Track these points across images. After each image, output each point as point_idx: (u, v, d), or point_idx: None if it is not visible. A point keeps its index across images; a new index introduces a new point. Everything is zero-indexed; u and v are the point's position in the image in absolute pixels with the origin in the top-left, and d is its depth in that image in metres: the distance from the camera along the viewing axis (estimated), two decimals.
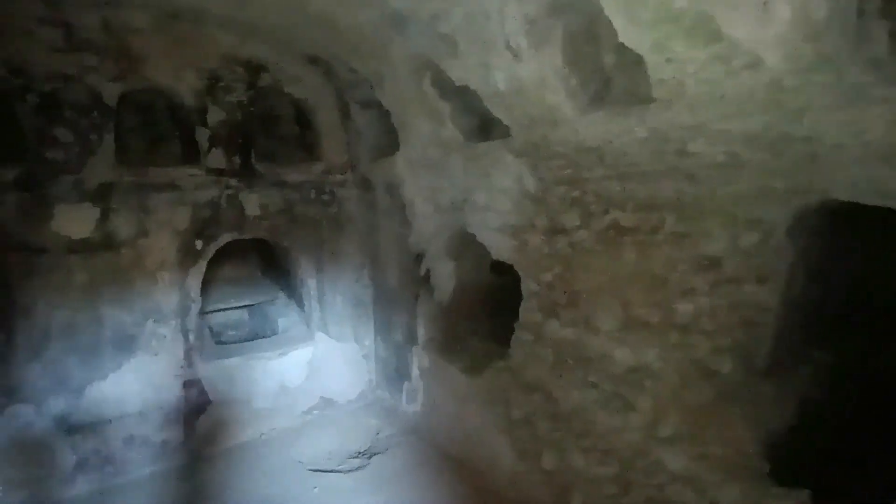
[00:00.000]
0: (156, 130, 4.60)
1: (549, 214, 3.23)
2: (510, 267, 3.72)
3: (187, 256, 4.28)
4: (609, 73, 2.68)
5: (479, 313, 4.78)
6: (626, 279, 2.86)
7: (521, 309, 3.60)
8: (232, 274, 6.72)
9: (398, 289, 4.76)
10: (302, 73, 4.54)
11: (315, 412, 5.03)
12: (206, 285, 6.21)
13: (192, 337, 4.38)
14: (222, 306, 6.12)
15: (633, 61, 2.58)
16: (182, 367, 4.32)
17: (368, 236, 5.04)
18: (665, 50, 1.95)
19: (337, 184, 4.96)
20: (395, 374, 5.00)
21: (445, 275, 4.47)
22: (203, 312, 5.74)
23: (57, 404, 3.82)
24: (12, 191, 3.55)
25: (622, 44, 2.52)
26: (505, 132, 3.35)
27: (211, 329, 6.16)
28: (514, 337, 3.65)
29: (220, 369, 4.55)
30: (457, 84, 3.16)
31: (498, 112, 3.14)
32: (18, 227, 3.60)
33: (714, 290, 2.49)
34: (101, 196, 3.86)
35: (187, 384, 4.35)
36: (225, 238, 4.45)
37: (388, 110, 4.13)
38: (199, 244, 4.32)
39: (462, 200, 3.88)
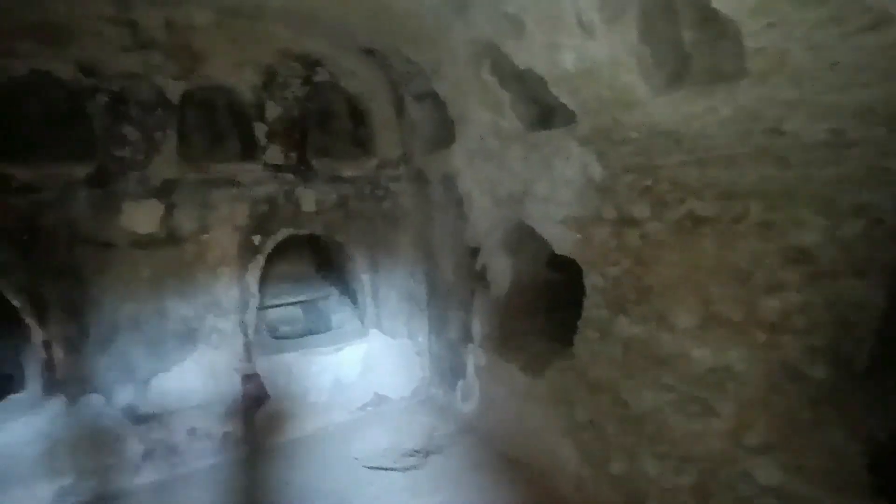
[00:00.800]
0: (217, 128, 4.67)
1: (617, 205, 3.04)
2: (568, 262, 3.55)
3: (246, 252, 4.33)
4: (688, 50, 2.48)
5: (537, 310, 4.62)
6: (704, 273, 2.64)
7: (584, 305, 3.42)
8: (287, 270, 6.81)
9: (453, 285, 4.66)
10: (357, 67, 4.51)
11: (369, 408, 5.00)
12: (262, 281, 6.39)
13: (250, 332, 4.43)
14: (277, 302, 6.22)
15: (716, 35, 2.37)
16: (241, 360, 4.38)
17: (423, 231, 4.97)
18: (768, 13, 1.75)
19: (391, 178, 4.91)
20: (450, 371, 4.91)
21: (502, 270, 4.33)
22: (259, 308, 5.89)
23: (125, 395, 3.93)
24: (84, 187, 3.68)
25: (704, 17, 2.31)
26: (569, 119, 3.18)
27: (267, 324, 6.29)
28: (577, 335, 3.47)
29: (277, 364, 4.58)
30: (520, 68, 3.02)
31: (563, 97, 2.97)
32: (90, 223, 3.72)
33: (806, 285, 2.25)
34: (165, 192, 3.95)
35: (246, 378, 4.40)
36: (282, 233, 4.48)
37: (444, 101, 4.03)
38: (257, 240, 4.36)
39: (521, 192, 3.73)
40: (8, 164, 3.47)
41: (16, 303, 3.56)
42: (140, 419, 4.00)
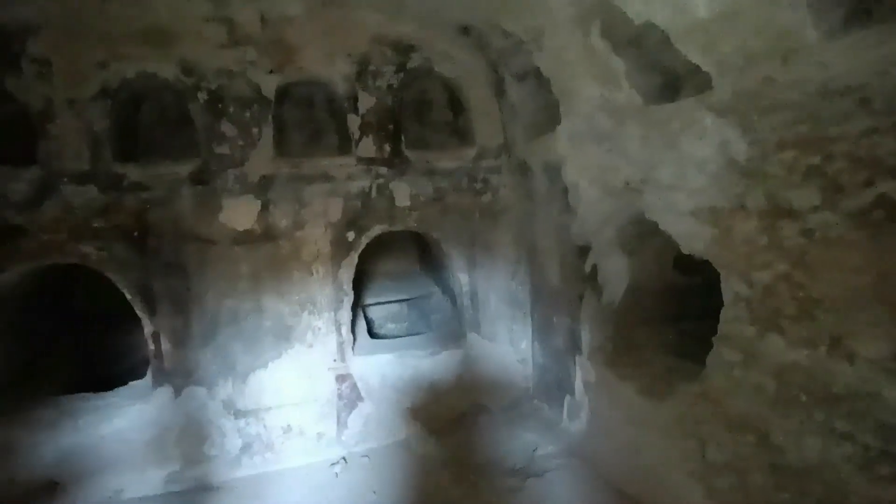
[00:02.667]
0: (315, 124, 4.63)
1: (770, 191, 2.33)
2: (700, 263, 2.87)
3: (340, 248, 4.20)
4: None
5: (658, 320, 3.93)
6: None
7: (722, 318, 2.73)
8: (392, 268, 6.75)
9: (559, 287, 4.13)
10: (452, 49, 4.16)
11: (468, 417, 4.64)
12: (365, 278, 6.37)
13: (344, 330, 4.30)
14: (380, 300, 6.14)
15: None
16: (335, 360, 4.27)
17: (525, 227, 4.49)
18: None
19: (490, 170, 4.51)
20: (555, 384, 4.38)
21: (616, 272, 3.72)
22: (362, 305, 5.83)
23: (225, 389, 3.99)
24: (188, 185, 3.77)
25: None
26: (702, 85, 2.54)
27: (371, 321, 6.25)
28: (711, 354, 2.79)
29: (372, 365, 4.41)
30: (636, 24, 2.45)
31: (694, 55, 2.35)
32: (193, 220, 3.81)
33: None
34: (262, 188, 3.94)
35: (340, 378, 4.28)
36: (375, 230, 4.29)
37: (547, 78, 3.53)
38: (350, 236, 4.22)
39: (640, 180, 3.11)
40: (122, 163, 3.65)
41: (129, 296, 3.75)
42: (238, 413, 4.04)
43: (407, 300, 6.30)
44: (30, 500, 3.58)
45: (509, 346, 4.76)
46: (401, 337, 5.96)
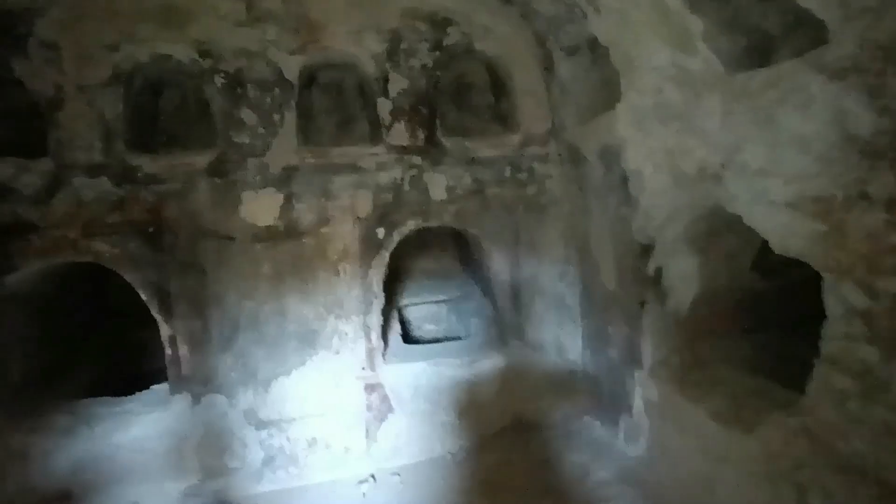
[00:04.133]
0: (346, 111, 4.29)
1: None
2: (783, 264, 2.34)
3: (369, 246, 3.83)
4: None
5: (732, 331, 3.37)
6: None
7: (827, 335, 2.18)
8: (431, 265, 6.36)
9: (615, 292, 3.61)
10: (493, 22, 3.71)
11: (509, 434, 4.19)
12: (402, 277, 6.01)
13: (374, 336, 3.93)
14: (417, 300, 5.76)
15: None
16: (363, 368, 3.91)
17: (576, 222, 3.98)
18: None
19: (537, 158, 4.02)
20: (610, 400, 3.87)
21: (685, 274, 3.19)
22: (398, 306, 5.47)
23: (246, 397, 3.70)
24: (205, 177, 3.49)
25: None
26: (808, 42, 2.00)
27: (409, 322, 5.88)
28: (814, 379, 2.24)
29: (403, 374, 4.03)
30: None
31: None
32: (211, 215, 3.54)
33: None
34: (284, 180, 3.63)
35: (369, 388, 3.92)
36: (408, 226, 3.89)
37: (605, 47, 3.02)
38: (380, 232, 3.84)
39: (719, 164, 2.57)
40: (136, 154, 3.40)
41: (145, 297, 3.50)
42: (261, 424, 3.75)
43: (446, 301, 5.90)
44: None
45: (557, 355, 4.27)
46: (439, 341, 5.60)
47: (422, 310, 5.91)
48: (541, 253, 4.10)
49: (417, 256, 6.27)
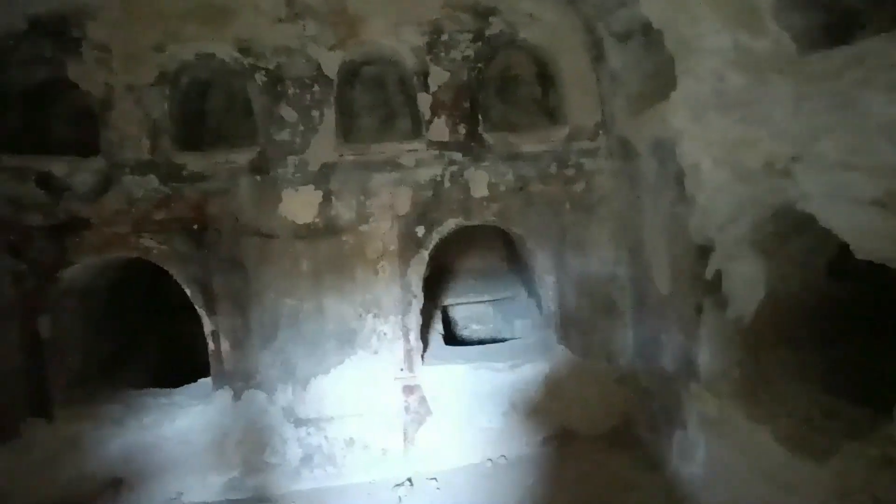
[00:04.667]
0: (388, 108, 4.23)
1: None
2: (870, 267, 2.03)
3: (408, 245, 3.74)
4: None
5: (804, 342, 3.01)
6: None
7: None
8: (477, 264, 6.23)
9: (670, 296, 3.33)
10: (539, 10, 3.52)
11: (552, 444, 3.98)
12: (448, 276, 5.91)
13: (412, 337, 3.84)
14: (462, 300, 5.65)
15: None
16: (402, 369, 3.83)
17: (627, 221, 3.72)
18: None
19: (585, 153, 3.79)
20: (661, 413, 3.59)
21: (748, 279, 2.87)
22: (441, 305, 5.37)
23: (285, 394, 3.71)
24: (247, 174, 3.52)
25: None
26: None
27: (455, 321, 5.79)
28: None
29: (443, 376, 3.91)
30: None
31: None
32: (252, 212, 3.56)
33: None
34: (323, 177, 3.60)
35: (407, 389, 3.83)
36: (448, 224, 3.77)
37: (659, 30, 2.76)
38: (420, 231, 3.74)
39: (789, 157, 2.27)
40: (182, 152, 3.46)
41: (189, 292, 3.57)
42: (299, 422, 3.75)
43: (492, 301, 5.75)
44: (97, 495, 3.53)
45: (605, 362, 4.02)
46: (485, 341, 5.49)
47: (468, 309, 5.80)
48: (588, 253, 3.87)
49: (464, 255, 6.17)
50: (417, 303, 3.84)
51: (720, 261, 2.89)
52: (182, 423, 3.67)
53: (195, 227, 3.49)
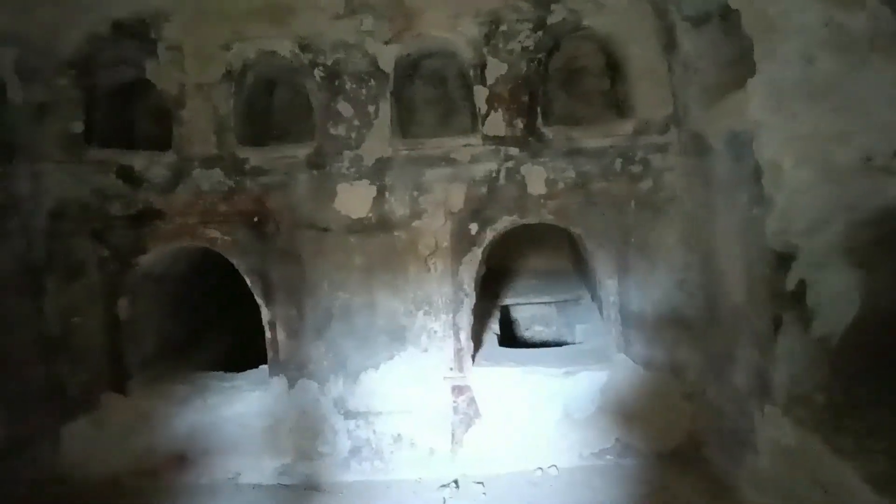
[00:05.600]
0: (448, 102, 4.18)
1: None
2: None
3: (461, 242, 3.65)
4: None
5: None
6: None
7: None
8: (541, 264, 6.06)
9: (745, 307, 3.00)
10: None
11: (608, 457, 3.75)
12: (510, 276, 5.77)
13: (463, 336, 3.75)
14: (521, 300, 5.49)
15: None
16: (451, 368, 3.75)
17: (698, 223, 3.40)
18: None
19: (653, 148, 3.51)
20: (732, 434, 3.26)
21: (838, 292, 2.53)
22: (500, 305, 5.25)
23: (336, 386, 3.76)
24: (304, 169, 3.59)
25: None
26: None
27: (516, 322, 5.66)
28: None
29: (493, 378, 3.80)
30: None
31: None
32: (309, 206, 3.63)
33: None
34: (378, 173, 3.59)
35: (456, 389, 3.75)
36: (503, 222, 3.64)
37: (736, 11, 2.48)
38: (473, 228, 3.64)
39: (891, 153, 1.95)
40: (245, 147, 3.60)
41: (249, 282, 3.71)
42: (349, 414, 3.78)
43: (555, 302, 5.54)
44: (165, 468, 3.77)
45: (670, 374, 3.72)
46: (548, 343, 5.33)
47: (531, 310, 5.63)
48: (655, 257, 3.59)
49: (528, 254, 6.01)
50: (469, 301, 3.75)
51: (804, 271, 2.56)
52: (241, 406, 3.82)
53: (256, 219, 3.61)
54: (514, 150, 3.54)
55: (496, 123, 3.52)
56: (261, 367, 4.09)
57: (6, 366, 3.42)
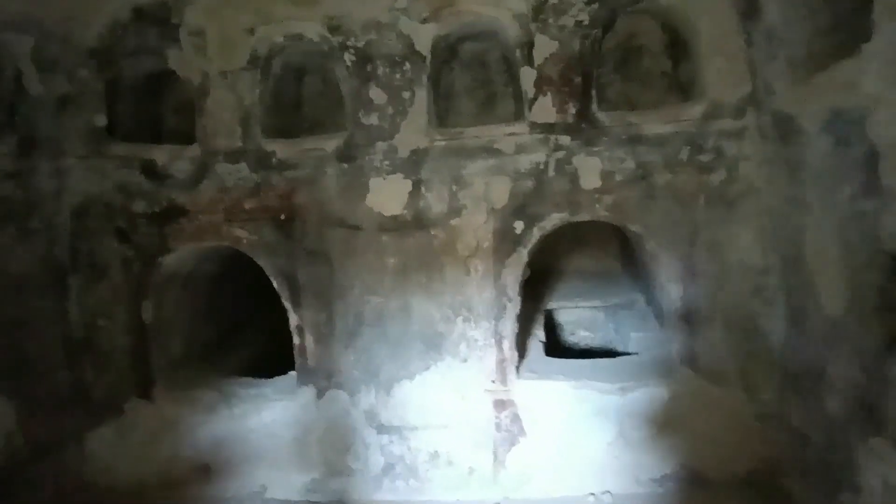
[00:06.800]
0: (490, 89, 3.83)
1: None
2: None
3: (504, 242, 3.31)
4: None
5: None
6: None
7: None
8: (587, 265, 5.64)
9: (842, 319, 2.53)
10: None
11: (669, 484, 3.33)
12: (554, 277, 5.38)
13: (506, 345, 3.41)
14: (569, 304, 5.09)
15: None
16: (493, 381, 3.41)
17: (781, 220, 2.93)
18: None
19: (726, 135, 3.06)
20: (822, 467, 2.79)
21: None
22: (544, 309, 4.87)
23: (367, 398, 3.48)
24: (333, 162, 3.33)
25: None
26: None
27: (560, 326, 5.28)
28: None
29: (540, 393, 3.44)
30: None
31: None
32: (338, 202, 3.36)
33: None
34: (413, 165, 3.29)
35: (498, 404, 3.41)
36: (552, 219, 3.27)
37: None
38: (518, 227, 3.29)
39: None
40: (271, 140, 3.36)
41: (276, 284, 3.48)
42: (381, 428, 3.50)
43: (603, 307, 5.12)
44: (189, 479, 3.59)
45: (742, 392, 3.26)
46: (593, 350, 4.95)
47: (576, 314, 5.23)
48: (727, 259, 3.14)
49: (573, 253, 5.60)
50: (513, 307, 3.39)
51: None
52: (268, 415, 3.60)
53: (283, 216, 3.37)
54: (564, 139, 3.16)
55: (545, 109, 3.14)
56: (289, 373, 3.86)
57: (30, 368, 3.29)
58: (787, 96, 2.70)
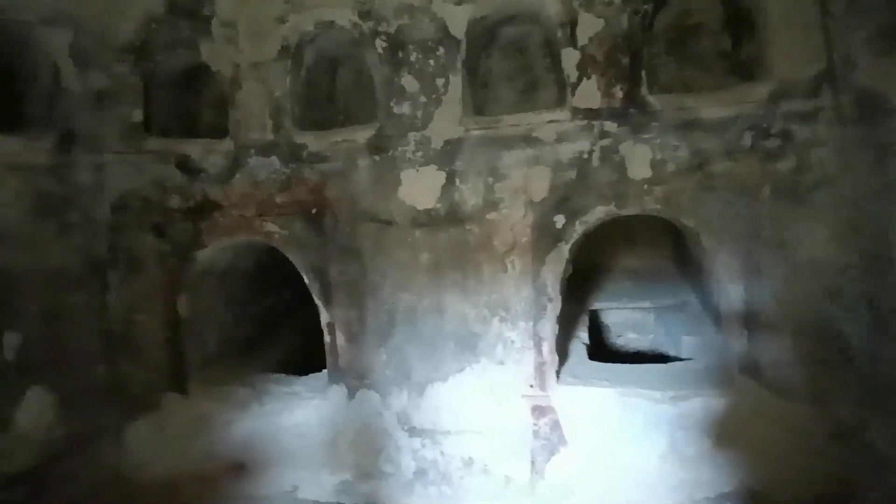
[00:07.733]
0: (530, 75, 3.62)
1: None
2: None
3: (544, 237, 3.10)
4: None
5: None
6: None
7: None
8: (635, 263, 5.32)
9: None
10: None
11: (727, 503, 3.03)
12: (600, 276, 5.10)
13: (545, 348, 3.20)
14: (615, 305, 4.81)
15: None
16: (531, 385, 3.21)
17: (863, 214, 2.58)
18: None
19: (796, 117, 2.72)
20: None
21: None
22: (589, 310, 4.62)
23: (399, 399, 3.36)
24: (364, 154, 3.21)
25: None
26: None
27: (606, 328, 5.02)
28: None
29: (582, 400, 3.21)
30: None
31: None
32: (370, 196, 3.25)
33: None
34: (447, 156, 3.14)
35: (537, 410, 3.21)
36: (596, 213, 3.03)
37: None
38: (559, 221, 3.07)
39: None
40: (302, 132, 3.27)
41: (307, 280, 3.40)
42: (413, 431, 3.37)
43: (653, 308, 4.81)
44: (222, 476, 3.55)
45: (812, 406, 2.91)
46: (642, 354, 4.67)
47: (624, 315, 4.95)
48: (796, 257, 2.80)
49: (620, 250, 5.29)
50: (553, 307, 3.18)
51: None
52: (300, 414, 3.55)
53: (314, 211, 3.29)
54: (611, 125, 2.91)
55: (589, 93, 2.91)
56: (322, 371, 3.79)
57: (69, 362, 3.33)
58: (873, 71, 2.36)
